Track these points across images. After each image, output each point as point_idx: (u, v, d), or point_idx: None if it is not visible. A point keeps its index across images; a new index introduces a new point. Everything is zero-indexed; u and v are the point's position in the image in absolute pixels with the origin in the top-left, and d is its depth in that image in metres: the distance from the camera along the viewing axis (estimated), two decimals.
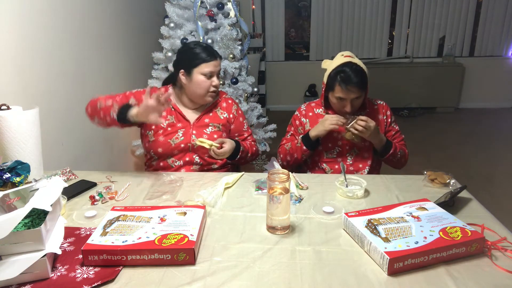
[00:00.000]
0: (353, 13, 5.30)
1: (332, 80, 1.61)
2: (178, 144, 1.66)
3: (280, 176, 1.08)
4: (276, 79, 5.58)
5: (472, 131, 4.53)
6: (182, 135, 1.67)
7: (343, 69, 1.58)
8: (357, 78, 1.55)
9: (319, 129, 1.64)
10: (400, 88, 5.22)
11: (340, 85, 1.58)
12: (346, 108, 1.63)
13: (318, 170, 1.78)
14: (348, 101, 1.60)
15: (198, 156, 1.68)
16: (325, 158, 1.74)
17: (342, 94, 1.59)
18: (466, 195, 1.32)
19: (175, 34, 3.02)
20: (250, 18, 5.36)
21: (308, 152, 1.70)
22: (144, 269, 0.95)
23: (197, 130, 1.69)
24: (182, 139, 1.66)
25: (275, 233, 1.11)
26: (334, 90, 1.62)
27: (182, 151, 1.67)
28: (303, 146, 1.69)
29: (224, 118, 1.75)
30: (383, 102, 1.78)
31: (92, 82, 2.42)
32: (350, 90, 1.56)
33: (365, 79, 1.59)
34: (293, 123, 1.84)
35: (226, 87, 3.13)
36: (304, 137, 1.69)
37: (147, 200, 1.34)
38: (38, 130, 1.39)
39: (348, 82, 1.55)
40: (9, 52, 1.68)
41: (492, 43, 5.31)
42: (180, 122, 1.69)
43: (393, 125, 1.77)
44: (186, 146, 1.67)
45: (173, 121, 1.68)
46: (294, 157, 1.74)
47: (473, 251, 0.98)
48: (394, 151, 1.66)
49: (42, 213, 1.00)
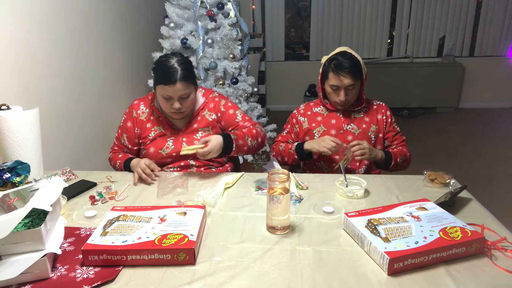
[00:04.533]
0: (353, 13, 5.30)
1: (326, 68, 1.64)
2: (169, 153, 1.63)
3: (280, 176, 1.08)
4: (276, 79, 5.58)
5: (472, 131, 4.53)
6: (172, 143, 1.63)
7: (337, 57, 1.62)
8: (349, 64, 1.58)
9: (313, 146, 1.63)
10: (400, 88, 5.22)
11: (333, 71, 1.60)
12: (340, 97, 1.63)
13: (315, 170, 1.78)
14: (342, 89, 1.61)
15: (193, 159, 1.66)
16: (323, 156, 1.75)
17: (336, 81, 1.60)
18: (466, 195, 1.32)
19: (175, 34, 3.02)
20: (250, 18, 5.36)
21: (298, 161, 1.73)
22: (144, 269, 0.95)
23: (187, 137, 1.65)
24: (173, 148, 1.63)
25: (275, 233, 1.11)
26: (328, 78, 1.64)
27: (176, 158, 1.65)
28: (295, 155, 1.70)
29: (212, 120, 1.69)
30: (383, 103, 1.79)
31: (92, 82, 2.42)
32: (343, 77, 1.58)
33: (359, 68, 1.61)
34: (290, 121, 1.84)
35: (226, 87, 3.13)
36: (298, 146, 1.70)
37: (159, 198, 1.35)
38: (38, 130, 1.39)
39: (341, 69, 1.58)
40: (9, 52, 1.68)
41: (492, 43, 5.30)
42: (168, 131, 1.65)
43: (394, 126, 1.77)
44: (178, 155, 1.63)
45: (161, 130, 1.65)
46: (284, 160, 1.76)
47: (473, 251, 0.98)
48: (395, 162, 1.67)
49: (42, 213, 1.00)
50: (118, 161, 1.66)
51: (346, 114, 1.74)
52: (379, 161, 1.65)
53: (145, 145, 1.66)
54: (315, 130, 1.75)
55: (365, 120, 1.73)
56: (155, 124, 1.66)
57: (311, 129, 1.75)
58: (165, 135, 1.65)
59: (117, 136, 1.72)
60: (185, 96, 1.54)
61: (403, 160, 1.71)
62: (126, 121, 1.69)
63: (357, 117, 1.73)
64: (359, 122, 1.72)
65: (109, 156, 1.74)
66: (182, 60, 1.54)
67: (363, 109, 1.74)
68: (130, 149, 1.70)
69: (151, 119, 1.66)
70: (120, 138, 1.71)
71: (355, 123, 1.72)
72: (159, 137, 1.65)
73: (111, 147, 1.76)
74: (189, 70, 1.54)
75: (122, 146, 1.71)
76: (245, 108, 3.22)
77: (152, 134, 1.65)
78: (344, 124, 1.72)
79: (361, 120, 1.73)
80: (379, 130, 1.73)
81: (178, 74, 1.48)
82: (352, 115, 1.74)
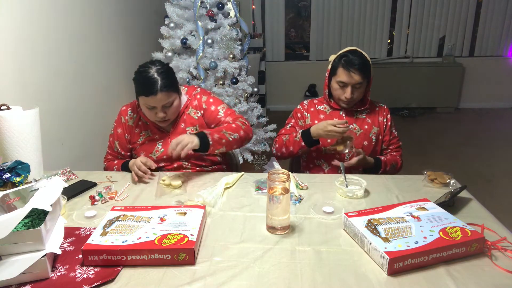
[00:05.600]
0: (353, 13, 5.30)
1: (336, 64, 1.64)
2: (160, 156, 1.63)
3: (280, 176, 1.08)
4: (276, 79, 5.58)
5: (472, 131, 4.53)
6: (161, 146, 1.63)
7: (347, 54, 1.62)
8: (360, 62, 1.59)
9: (320, 134, 1.60)
10: (400, 88, 5.22)
11: (343, 68, 1.60)
12: (346, 94, 1.63)
13: (314, 167, 1.78)
14: (350, 86, 1.61)
15: (186, 161, 1.65)
16: (323, 154, 1.75)
17: (345, 77, 1.60)
18: (466, 195, 1.32)
19: (175, 34, 3.02)
20: (250, 18, 5.36)
21: (306, 148, 1.68)
22: (144, 269, 0.95)
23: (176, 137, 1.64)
24: (162, 151, 1.62)
25: (275, 233, 1.11)
26: (336, 74, 1.64)
27: (168, 161, 1.64)
28: (302, 142, 1.66)
29: (198, 118, 1.67)
30: (385, 106, 1.79)
31: (92, 82, 2.42)
32: (353, 73, 1.59)
33: (369, 67, 1.62)
34: (294, 115, 1.82)
35: (226, 87, 3.13)
36: (303, 133, 1.67)
37: (157, 198, 1.35)
38: (38, 130, 1.39)
39: (351, 65, 1.58)
40: (9, 52, 1.68)
41: (492, 43, 5.30)
42: (156, 134, 1.65)
43: (392, 130, 1.78)
44: (169, 157, 1.61)
45: (149, 135, 1.64)
46: (289, 150, 1.71)
47: (473, 251, 0.98)
48: (384, 170, 1.69)
49: (42, 213, 1.00)
50: (114, 167, 1.66)
51: (349, 114, 1.74)
52: (369, 167, 1.67)
53: (135, 150, 1.66)
54: None
55: (367, 121, 1.73)
56: (142, 128, 1.65)
57: None
58: (153, 140, 1.64)
59: (109, 145, 1.71)
60: (168, 104, 1.52)
61: (393, 168, 1.72)
62: (116, 128, 1.68)
63: (360, 118, 1.73)
64: (361, 123, 1.72)
65: (104, 166, 1.72)
66: (162, 69, 1.50)
67: (366, 110, 1.75)
68: (123, 155, 1.70)
69: (139, 124, 1.66)
70: (112, 147, 1.70)
71: (358, 123, 1.72)
72: (148, 142, 1.64)
73: (104, 157, 1.75)
74: (169, 79, 1.51)
75: (115, 154, 1.71)
76: (245, 108, 3.22)
77: (141, 139, 1.65)
78: None
79: (364, 121, 1.73)
80: (380, 132, 1.74)
81: (159, 85, 1.45)
82: (355, 115, 1.74)
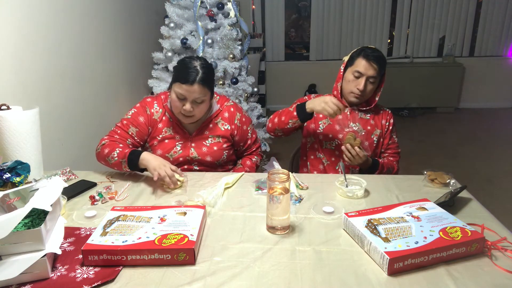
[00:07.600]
0: (353, 13, 5.31)
1: (355, 55, 1.66)
2: (176, 158, 1.62)
3: (280, 176, 1.08)
4: (276, 79, 5.58)
5: (472, 131, 4.53)
6: (180, 148, 1.62)
7: (367, 48, 1.66)
8: (379, 56, 1.63)
9: (315, 107, 1.56)
10: (400, 88, 5.22)
11: (363, 57, 1.62)
12: (359, 86, 1.63)
13: (315, 160, 1.78)
14: (364, 78, 1.62)
15: (197, 164, 1.65)
16: (324, 148, 1.75)
17: (362, 67, 1.62)
18: (466, 195, 1.32)
19: (175, 34, 3.02)
20: (250, 18, 5.36)
21: (296, 120, 1.62)
22: (144, 269, 0.95)
23: (196, 142, 1.64)
24: (180, 153, 1.61)
25: (275, 233, 1.11)
26: (354, 64, 1.65)
27: (181, 163, 1.64)
28: (294, 112, 1.63)
29: (225, 130, 1.66)
30: (389, 110, 1.81)
31: (92, 82, 2.42)
32: (371, 65, 1.61)
33: (384, 64, 1.65)
34: (297, 101, 1.77)
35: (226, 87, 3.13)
36: (299, 105, 1.64)
37: (157, 198, 1.35)
38: (38, 130, 1.39)
39: (371, 57, 1.61)
40: (9, 52, 1.68)
41: (492, 43, 5.31)
42: (178, 134, 1.63)
43: (392, 135, 1.78)
44: (185, 159, 1.62)
45: (170, 133, 1.62)
46: (281, 119, 1.68)
47: (473, 251, 0.98)
48: (380, 171, 1.68)
49: (42, 213, 1.00)
50: (117, 149, 1.50)
51: (354, 113, 1.74)
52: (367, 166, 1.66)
53: (153, 146, 1.63)
54: (320, 121, 1.76)
55: (371, 122, 1.74)
56: (166, 125, 1.63)
57: (317, 119, 1.76)
58: (174, 138, 1.63)
59: (121, 127, 1.60)
60: (199, 100, 1.51)
61: (389, 172, 1.72)
62: (137, 114, 1.62)
63: (364, 118, 1.74)
64: (364, 123, 1.73)
65: (104, 143, 1.55)
66: (205, 64, 1.52)
67: (370, 111, 1.75)
68: (134, 142, 1.61)
69: (163, 119, 1.63)
70: (126, 129, 1.60)
71: (361, 123, 1.72)
72: (168, 140, 1.62)
73: (107, 134, 1.60)
74: (209, 76, 1.53)
75: (126, 137, 1.59)
76: (245, 108, 3.22)
77: (161, 135, 1.63)
78: (350, 122, 1.72)
79: (367, 121, 1.73)
80: (382, 135, 1.75)
81: (198, 76, 1.47)
82: (359, 115, 1.74)
